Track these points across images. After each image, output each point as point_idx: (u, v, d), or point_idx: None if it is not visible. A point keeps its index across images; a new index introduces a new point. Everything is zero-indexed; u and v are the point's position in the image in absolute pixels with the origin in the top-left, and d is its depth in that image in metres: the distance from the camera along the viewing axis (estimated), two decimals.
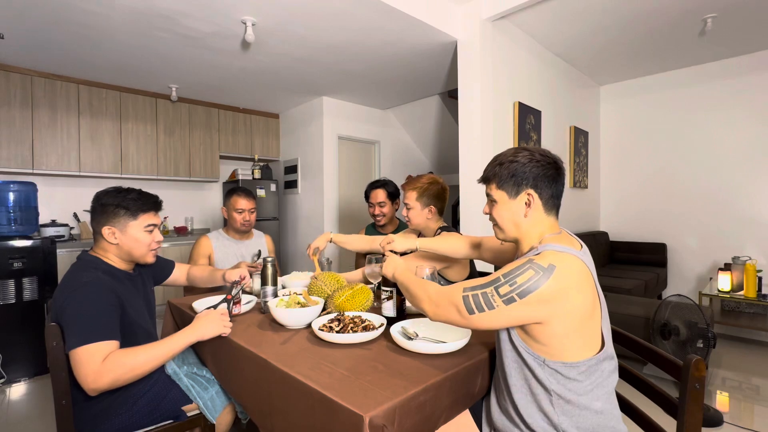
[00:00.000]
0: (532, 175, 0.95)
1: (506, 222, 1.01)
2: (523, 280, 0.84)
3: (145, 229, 1.31)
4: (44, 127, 3.49)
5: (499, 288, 0.86)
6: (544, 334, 0.86)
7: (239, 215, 2.22)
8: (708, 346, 2.25)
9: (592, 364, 0.87)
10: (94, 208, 1.30)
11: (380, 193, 2.39)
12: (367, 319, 1.28)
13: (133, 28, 2.71)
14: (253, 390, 1.16)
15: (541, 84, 3.48)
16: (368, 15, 2.61)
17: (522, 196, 0.97)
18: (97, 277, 1.20)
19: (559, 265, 0.84)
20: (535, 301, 0.83)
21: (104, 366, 1.07)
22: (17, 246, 2.73)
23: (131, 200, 1.29)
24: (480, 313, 0.88)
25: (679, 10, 2.84)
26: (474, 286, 0.91)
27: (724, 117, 3.83)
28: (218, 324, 1.28)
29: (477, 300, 0.89)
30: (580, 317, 0.86)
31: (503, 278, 0.87)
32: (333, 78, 3.84)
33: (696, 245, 4.02)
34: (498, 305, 0.86)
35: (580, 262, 0.88)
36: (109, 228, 1.27)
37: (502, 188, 0.99)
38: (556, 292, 0.83)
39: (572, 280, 0.85)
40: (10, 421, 2.18)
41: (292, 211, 5.04)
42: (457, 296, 0.92)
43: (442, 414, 0.96)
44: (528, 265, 0.86)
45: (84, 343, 1.07)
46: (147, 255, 1.34)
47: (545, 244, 0.92)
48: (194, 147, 4.41)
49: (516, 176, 0.96)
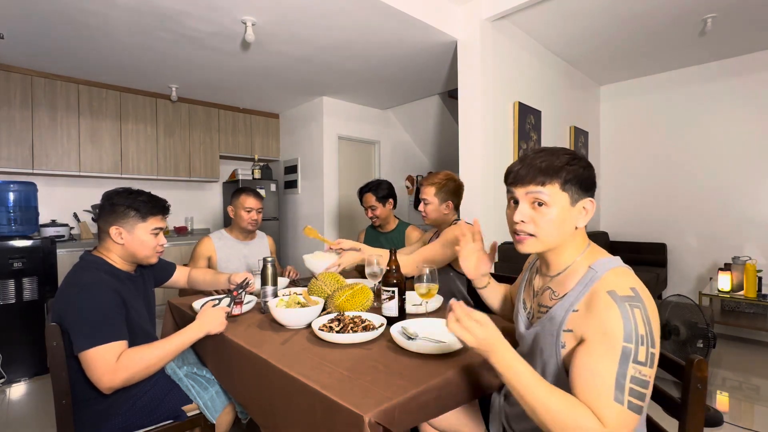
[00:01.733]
0: (592, 181, 0.86)
1: (555, 231, 0.85)
2: (642, 327, 0.72)
3: (151, 231, 1.33)
4: (44, 127, 3.49)
5: (638, 357, 0.71)
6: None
7: (247, 214, 2.21)
8: (708, 346, 2.25)
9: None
10: (103, 207, 1.30)
11: (370, 197, 2.40)
12: (367, 319, 1.28)
13: (133, 28, 2.71)
14: (253, 390, 1.16)
15: (541, 84, 3.48)
16: (368, 15, 2.61)
17: (581, 203, 0.85)
18: (99, 278, 1.21)
19: (636, 284, 0.77)
20: (656, 334, 0.74)
21: (119, 364, 1.11)
22: (17, 246, 2.73)
23: (142, 202, 1.31)
24: (645, 402, 0.73)
25: (679, 10, 2.84)
26: (616, 381, 0.71)
27: (724, 117, 3.83)
28: (222, 318, 1.30)
29: (636, 393, 0.71)
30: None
31: (628, 343, 0.71)
32: (333, 78, 3.84)
33: (696, 245, 4.02)
34: (649, 375, 0.72)
35: (628, 268, 0.83)
36: (117, 228, 1.28)
37: (566, 190, 0.84)
38: (654, 309, 0.76)
39: (647, 291, 0.78)
40: (10, 421, 2.18)
41: (292, 211, 5.04)
42: (624, 414, 0.71)
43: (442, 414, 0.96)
44: (627, 306, 0.73)
45: (95, 344, 1.10)
46: (151, 257, 1.35)
47: (596, 262, 0.84)
48: (194, 147, 4.41)
49: (582, 180, 0.84)
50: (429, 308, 1.46)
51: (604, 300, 0.75)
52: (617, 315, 0.73)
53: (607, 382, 0.72)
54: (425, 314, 1.43)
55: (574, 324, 0.81)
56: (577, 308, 0.81)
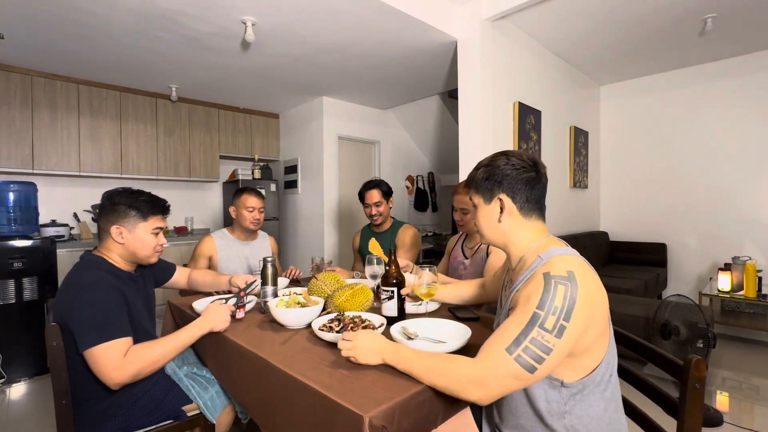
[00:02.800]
0: (505, 179, 0.94)
1: (484, 227, 1.00)
2: (560, 300, 0.78)
3: (152, 231, 1.34)
4: (44, 127, 3.49)
5: (545, 323, 0.78)
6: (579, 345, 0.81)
7: (249, 213, 2.19)
8: (708, 346, 2.25)
9: (607, 371, 0.86)
10: (104, 206, 1.31)
11: (375, 194, 2.35)
12: (367, 319, 1.28)
13: (133, 28, 2.71)
14: (253, 390, 1.16)
15: (541, 84, 3.48)
16: (368, 15, 2.61)
17: (495, 200, 0.96)
18: (101, 277, 1.22)
19: (575, 269, 0.82)
20: (580, 314, 0.78)
21: (126, 360, 1.12)
22: (17, 246, 2.73)
23: (143, 202, 1.33)
24: (542, 365, 0.78)
25: (679, 10, 2.84)
26: (516, 338, 0.79)
27: (724, 117, 3.83)
28: (227, 316, 1.31)
29: (532, 352, 0.78)
30: (605, 317, 0.85)
31: (540, 310, 0.79)
32: (333, 78, 3.84)
33: (696, 245, 4.02)
34: (553, 344, 0.77)
35: (583, 260, 0.87)
36: (118, 227, 1.29)
37: (479, 193, 0.99)
38: (590, 293, 0.80)
39: (591, 278, 0.83)
40: (10, 421, 2.18)
41: (292, 211, 5.04)
42: (507, 363, 0.79)
43: (442, 414, 0.96)
44: (552, 282, 0.80)
45: (100, 341, 1.11)
46: (151, 257, 1.37)
47: (546, 250, 0.89)
48: (194, 147, 4.41)
49: (489, 181, 0.95)
50: (429, 308, 1.46)
51: (536, 278, 0.84)
52: (540, 287, 0.81)
53: (507, 336, 0.81)
54: (425, 314, 1.43)
55: (514, 301, 0.89)
56: (519, 288, 0.89)
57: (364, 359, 0.96)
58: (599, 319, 0.83)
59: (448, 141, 4.93)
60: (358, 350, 0.97)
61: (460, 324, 1.23)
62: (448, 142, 4.98)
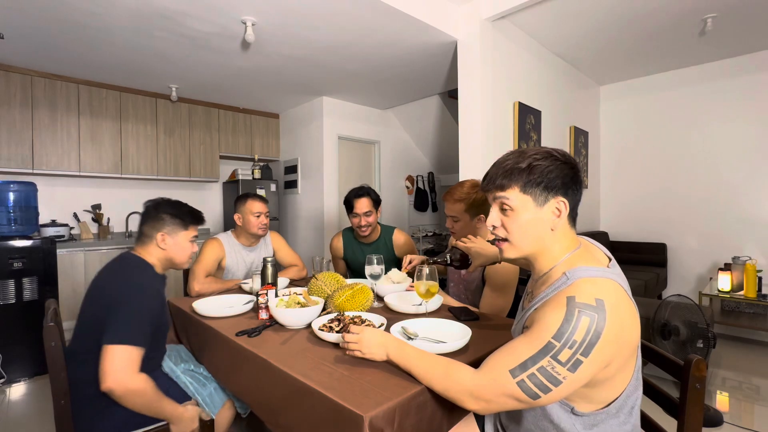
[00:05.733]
0: (561, 179, 0.81)
1: (527, 235, 0.83)
2: (581, 334, 0.69)
3: (190, 239, 1.46)
4: (44, 127, 3.49)
5: (558, 355, 0.70)
6: (597, 377, 0.73)
7: (257, 219, 2.12)
8: (708, 346, 2.25)
9: (626, 403, 0.79)
10: (149, 214, 1.42)
11: (365, 202, 2.10)
12: (367, 319, 1.28)
13: (133, 28, 2.70)
14: (253, 390, 1.16)
15: (541, 84, 3.48)
16: (368, 15, 2.61)
17: (551, 204, 0.82)
18: (151, 283, 1.32)
19: (606, 297, 0.71)
20: (603, 351, 0.69)
21: (136, 374, 1.16)
22: (17, 246, 2.73)
23: (186, 212, 1.46)
24: (547, 395, 0.72)
25: (679, 10, 2.84)
26: (523, 362, 0.73)
27: (724, 117, 3.83)
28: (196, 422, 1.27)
29: (537, 381, 0.72)
30: (633, 349, 0.75)
31: (556, 340, 0.70)
32: (333, 78, 3.84)
33: (696, 245, 4.02)
34: (564, 376, 0.70)
35: (617, 284, 0.76)
36: (163, 234, 1.39)
37: (527, 193, 0.82)
38: (619, 328, 0.70)
39: (624, 308, 0.73)
40: (9, 421, 2.18)
41: (292, 211, 5.04)
42: (509, 384, 0.74)
43: (442, 414, 0.96)
44: (576, 311, 0.70)
45: (124, 342, 1.15)
46: (185, 263, 1.46)
47: (573, 268, 0.78)
48: (194, 147, 4.40)
49: (546, 180, 0.80)
50: (429, 308, 1.46)
51: (558, 301, 0.74)
52: (560, 315, 0.72)
53: (514, 357, 0.75)
54: (425, 314, 1.43)
55: (530, 320, 0.80)
56: (538, 307, 0.80)
57: (369, 352, 0.96)
58: (625, 353, 0.74)
59: (448, 141, 4.93)
60: (363, 343, 0.97)
61: (460, 324, 1.23)
62: (448, 142, 4.98)
